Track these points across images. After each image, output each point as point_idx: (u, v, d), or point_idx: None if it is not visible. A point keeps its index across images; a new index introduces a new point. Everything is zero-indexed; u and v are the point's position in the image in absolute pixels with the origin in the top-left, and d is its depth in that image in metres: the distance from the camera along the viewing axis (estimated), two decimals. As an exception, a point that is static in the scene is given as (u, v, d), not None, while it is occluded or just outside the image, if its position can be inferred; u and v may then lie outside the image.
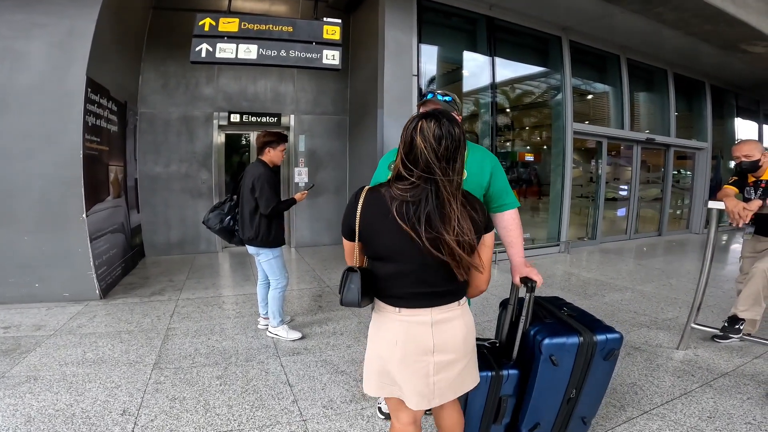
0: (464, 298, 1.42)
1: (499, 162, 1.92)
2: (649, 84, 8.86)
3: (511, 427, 1.93)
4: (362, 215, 1.30)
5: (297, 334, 3.35)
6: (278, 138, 3.28)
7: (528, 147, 8.11)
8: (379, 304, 1.39)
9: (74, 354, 2.97)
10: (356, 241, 1.35)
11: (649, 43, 7.43)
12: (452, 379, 1.38)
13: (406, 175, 1.25)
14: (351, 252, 1.42)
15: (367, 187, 1.34)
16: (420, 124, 1.24)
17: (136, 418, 2.23)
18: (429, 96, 1.87)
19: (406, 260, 1.28)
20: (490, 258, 1.41)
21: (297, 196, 3.37)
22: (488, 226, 1.37)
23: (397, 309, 1.34)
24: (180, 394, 2.49)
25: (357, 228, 1.32)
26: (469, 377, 1.46)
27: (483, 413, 1.83)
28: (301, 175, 6.86)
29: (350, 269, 1.31)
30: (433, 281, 1.31)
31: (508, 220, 1.89)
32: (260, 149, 3.25)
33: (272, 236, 3.18)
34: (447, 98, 1.86)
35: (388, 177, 1.36)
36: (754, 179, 3.14)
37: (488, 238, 1.38)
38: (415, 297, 1.33)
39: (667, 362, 2.97)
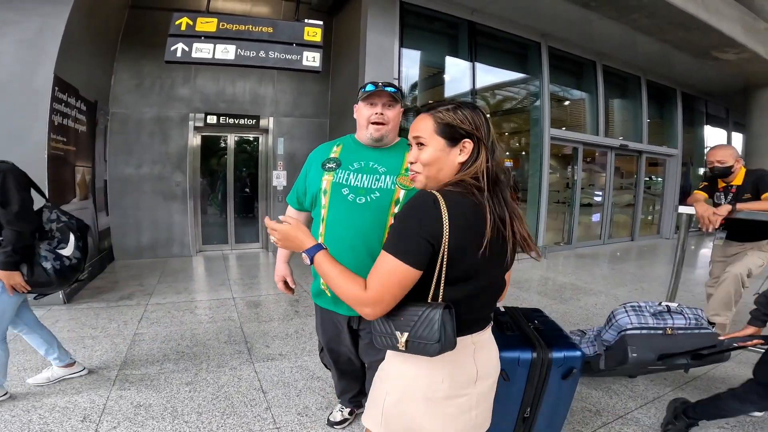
0: None
1: None
2: (623, 91, 9.09)
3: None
4: (451, 228, 0.98)
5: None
6: None
7: (507, 153, 8.20)
8: None
9: (33, 359, 2.83)
10: (438, 264, 1.00)
11: (625, 49, 7.63)
12: (488, 408, 1.19)
13: (472, 176, 1.07)
14: (406, 283, 1.01)
15: (438, 193, 1.02)
16: (485, 115, 1.12)
17: (97, 425, 2.13)
18: (370, 88, 1.67)
19: (482, 277, 1.06)
20: None
21: None
22: None
23: None
24: (146, 400, 2.38)
25: (444, 246, 0.98)
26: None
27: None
28: (279, 179, 6.74)
29: (446, 306, 0.99)
30: (491, 300, 1.15)
31: None
32: None
33: None
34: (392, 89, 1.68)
35: (450, 181, 1.08)
36: (724, 184, 3.21)
37: None
38: (470, 323, 1.10)
39: (641, 364, 3.00)
